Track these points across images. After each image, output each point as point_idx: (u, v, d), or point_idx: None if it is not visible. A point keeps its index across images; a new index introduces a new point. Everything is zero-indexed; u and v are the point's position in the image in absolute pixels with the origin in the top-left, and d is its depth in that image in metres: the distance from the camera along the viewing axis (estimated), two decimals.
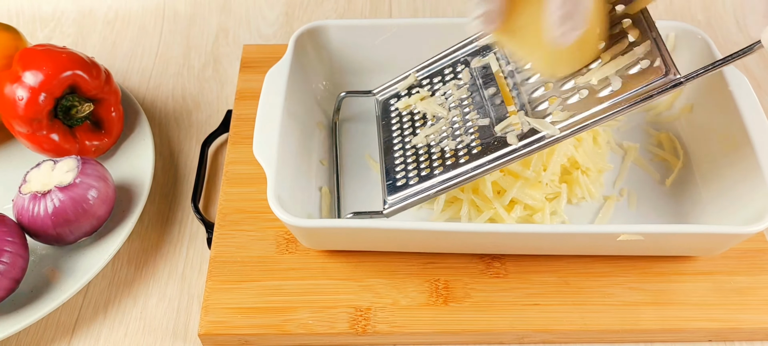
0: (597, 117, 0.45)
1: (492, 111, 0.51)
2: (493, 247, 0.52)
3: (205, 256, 0.56)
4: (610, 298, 0.51)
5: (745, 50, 0.42)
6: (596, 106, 0.45)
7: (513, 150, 0.47)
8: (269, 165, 0.49)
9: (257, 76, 0.64)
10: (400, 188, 0.51)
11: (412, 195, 0.50)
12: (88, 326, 0.52)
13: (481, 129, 0.50)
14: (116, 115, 0.60)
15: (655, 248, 0.51)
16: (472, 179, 0.48)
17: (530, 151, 0.47)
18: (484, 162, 0.48)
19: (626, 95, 0.44)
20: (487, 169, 0.48)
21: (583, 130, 0.46)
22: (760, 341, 0.51)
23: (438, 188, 0.49)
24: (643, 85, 0.44)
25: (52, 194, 0.51)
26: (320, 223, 0.48)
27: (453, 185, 0.49)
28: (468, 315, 0.50)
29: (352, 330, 0.49)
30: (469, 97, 0.53)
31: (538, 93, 0.49)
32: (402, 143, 0.54)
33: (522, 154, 0.47)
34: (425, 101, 0.55)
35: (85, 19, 0.76)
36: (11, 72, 0.56)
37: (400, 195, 0.51)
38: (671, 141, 0.59)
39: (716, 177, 0.54)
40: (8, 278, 0.49)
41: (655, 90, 0.44)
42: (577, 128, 0.46)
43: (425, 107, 0.55)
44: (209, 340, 0.50)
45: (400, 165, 0.53)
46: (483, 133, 0.50)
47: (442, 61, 0.57)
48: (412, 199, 0.50)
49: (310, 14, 0.77)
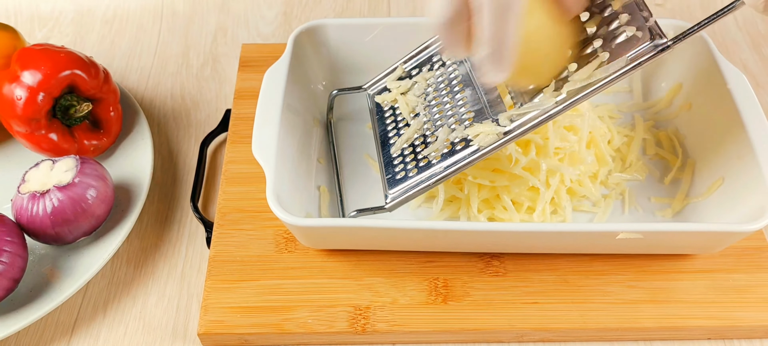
0: (587, 90, 0.45)
1: (483, 95, 0.51)
2: (493, 246, 0.52)
3: (204, 255, 0.56)
4: (609, 296, 0.51)
5: (728, 7, 0.42)
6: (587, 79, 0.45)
7: (508, 132, 0.47)
8: (268, 164, 0.49)
9: (256, 75, 0.64)
10: (400, 181, 0.51)
11: (413, 186, 0.50)
12: (88, 326, 0.52)
13: (476, 114, 0.50)
14: (115, 115, 0.60)
15: (654, 246, 0.51)
16: (471, 164, 0.48)
17: (525, 131, 0.46)
18: (480, 147, 0.48)
19: (615, 64, 0.44)
20: (484, 153, 0.47)
21: (576, 104, 0.45)
22: (759, 339, 0.51)
23: (438, 176, 0.49)
24: (631, 52, 0.44)
25: (50, 194, 0.51)
26: (319, 222, 0.48)
27: (452, 172, 0.48)
28: (467, 314, 0.50)
29: (351, 329, 0.49)
30: (459, 83, 0.53)
31: None
32: (398, 136, 0.54)
33: (517, 134, 0.46)
34: (405, 96, 0.55)
35: (83, 19, 0.76)
36: (9, 72, 0.56)
37: (401, 187, 0.50)
38: (670, 139, 0.59)
39: (715, 175, 0.54)
40: (7, 278, 0.49)
41: (643, 56, 0.44)
42: (570, 102, 0.45)
43: (405, 102, 0.55)
44: (208, 339, 0.50)
45: (398, 158, 0.53)
46: (478, 118, 0.50)
47: (429, 50, 0.57)
48: (412, 190, 0.50)
49: (309, 13, 0.77)
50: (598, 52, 0.45)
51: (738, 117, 0.52)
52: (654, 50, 0.43)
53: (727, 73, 0.55)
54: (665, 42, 0.43)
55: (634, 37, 0.44)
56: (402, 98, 0.56)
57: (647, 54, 0.43)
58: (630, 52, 0.44)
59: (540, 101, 0.46)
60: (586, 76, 0.45)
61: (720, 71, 0.55)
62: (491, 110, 0.49)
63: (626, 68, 0.44)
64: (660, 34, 0.43)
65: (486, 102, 0.50)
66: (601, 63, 0.44)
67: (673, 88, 0.61)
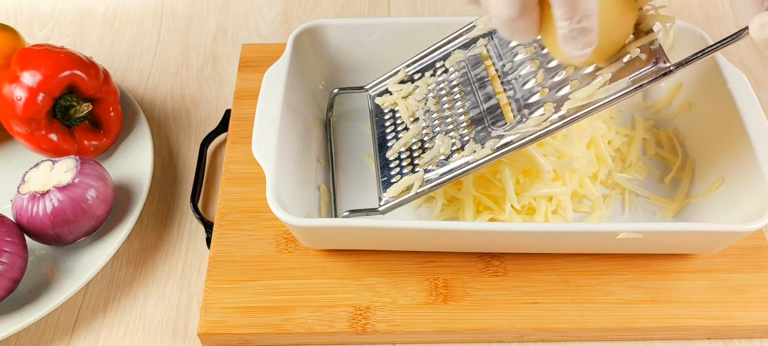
0: (587, 108, 0.45)
1: (483, 104, 0.51)
2: (493, 246, 0.52)
3: (204, 255, 0.56)
4: (609, 296, 0.51)
5: (734, 36, 0.42)
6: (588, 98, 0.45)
7: (505, 144, 0.47)
8: (268, 164, 0.49)
9: (256, 75, 0.64)
10: (396, 185, 0.51)
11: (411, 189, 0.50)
12: (88, 326, 0.52)
13: (474, 121, 0.50)
14: (115, 115, 0.60)
15: (654, 246, 0.51)
16: (465, 173, 0.48)
17: (522, 145, 0.46)
18: (477, 157, 0.48)
19: (616, 85, 0.44)
20: (481, 163, 0.48)
21: (574, 121, 0.45)
22: (759, 338, 0.51)
23: (432, 183, 0.49)
24: (633, 74, 0.44)
25: (50, 194, 0.51)
26: (319, 222, 0.48)
27: (447, 180, 0.49)
28: (467, 314, 0.50)
29: (351, 329, 0.49)
30: (460, 91, 0.53)
31: (529, 85, 0.48)
32: (396, 139, 0.54)
33: (514, 148, 0.47)
34: (405, 100, 0.55)
35: (83, 19, 0.76)
36: (9, 72, 0.56)
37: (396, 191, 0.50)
38: (670, 139, 0.59)
39: (715, 175, 0.54)
40: (7, 278, 0.49)
41: (645, 79, 0.44)
42: (568, 120, 0.45)
43: (405, 106, 0.55)
44: (209, 339, 0.50)
45: (395, 161, 0.53)
46: (476, 126, 0.50)
47: (433, 55, 0.57)
48: (407, 195, 0.50)
49: (309, 13, 0.77)
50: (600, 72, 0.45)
51: (738, 117, 0.52)
52: (656, 74, 0.43)
53: (727, 73, 0.55)
54: (668, 66, 0.43)
55: (638, 59, 0.44)
56: (402, 102, 0.56)
57: (649, 77, 0.44)
58: (632, 73, 0.44)
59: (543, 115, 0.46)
60: (588, 95, 0.45)
61: (720, 71, 0.55)
62: (489, 119, 0.49)
63: (627, 90, 0.44)
64: (664, 59, 0.43)
65: (485, 110, 0.50)
66: (604, 82, 0.44)
67: (673, 88, 0.61)
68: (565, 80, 0.47)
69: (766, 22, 0.39)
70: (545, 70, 0.48)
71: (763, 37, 0.40)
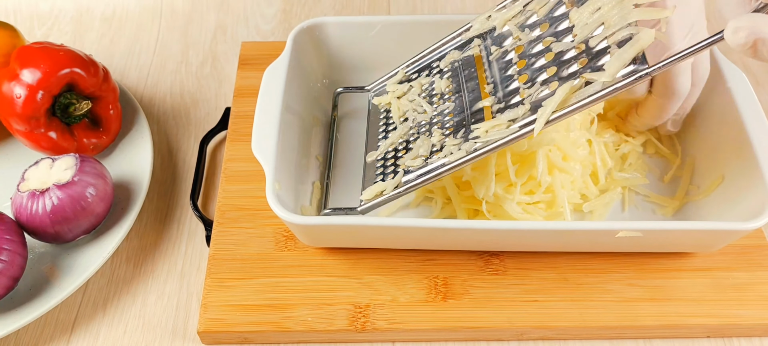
0: (566, 109, 0.44)
1: (469, 107, 0.50)
2: (492, 244, 0.52)
3: (204, 253, 0.56)
4: (608, 294, 0.51)
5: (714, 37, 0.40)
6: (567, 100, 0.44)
7: (483, 145, 0.46)
8: (268, 162, 0.49)
9: (255, 73, 0.64)
10: (369, 189, 0.51)
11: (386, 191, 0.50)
12: (87, 324, 0.52)
13: (456, 124, 0.50)
14: (114, 113, 0.60)
15: (653, 244, 0.51)
16: (441, 175, 0.48)
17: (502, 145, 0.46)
18: (455, 158, 0.47)
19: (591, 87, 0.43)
20: (458, 164, 0.47)
21: (554, 122, 0.44)
22: (759, 337, 0.51)
23: (410, 184, 0.49)
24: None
25: (50, 192, 0.51)
26: (318, 220, 0.48)
27: (424, 181, 0.48)
28: (467, 312, 0.50)
29: (351, 327, 0.49)
30: (450, 92, 0.53)
31: (513, 86, 0.48)
32: (385, 139, 0.54)
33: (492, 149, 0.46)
34: (399, 100, 0.55)
35: (82, 17, 0.76)
36: (9, 70, 0.56)
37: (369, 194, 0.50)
38: (670, 138, 0.59)
39: (714, 173, 0.54)
40: (7, 277, 0.49)
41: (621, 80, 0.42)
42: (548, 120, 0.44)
43: (398, 106, 0.55)
44: (208, 337, 0.50)
45: (380, 161, 0.53)
46: (459, 128, 0.50)
47: (430, 55, 0.57)
48: (380, 198, 0.50)
49: (309, 11, 0.77)
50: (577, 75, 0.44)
51: (738, 116, 0.52)
52: (633, 76, 0.42)
53: (727, 72, 0.55)
54: (645, 69, 0.42)
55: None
56: (396, 102, 0.56)
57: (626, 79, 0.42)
58: None
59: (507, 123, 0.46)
60: (560, 100, 0.44)
61: (720, 70, 0.55)
62: (472, 121, 0.49)
63: (602, 92, 0.43)
64: (641, 60, 0.42)
65: (469, 114, 0.50)
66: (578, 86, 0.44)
67: None
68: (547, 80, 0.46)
69: (741, 26, 0.38)
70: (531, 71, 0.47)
71: (737, 42, 0.38)
